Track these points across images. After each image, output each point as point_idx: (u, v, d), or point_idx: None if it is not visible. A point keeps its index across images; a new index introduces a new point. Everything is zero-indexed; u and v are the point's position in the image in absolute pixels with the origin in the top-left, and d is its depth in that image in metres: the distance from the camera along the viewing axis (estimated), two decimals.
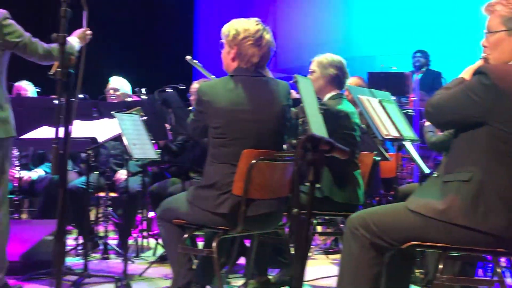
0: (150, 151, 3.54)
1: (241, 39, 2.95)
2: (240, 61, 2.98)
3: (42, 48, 3.26)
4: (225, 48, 3.03)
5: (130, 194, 4.33)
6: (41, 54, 3.26)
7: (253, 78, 2.98)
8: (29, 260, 3.96)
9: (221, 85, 2.97)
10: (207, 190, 2.93)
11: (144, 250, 4.86)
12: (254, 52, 2.94)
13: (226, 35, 3.00)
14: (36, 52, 3.25)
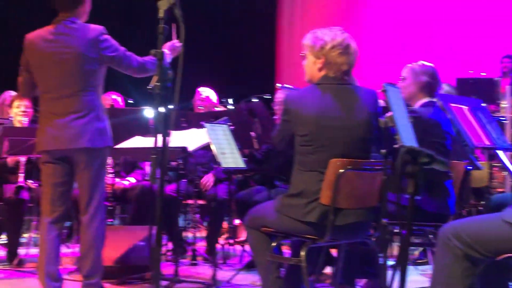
0: (239, 160, 3.62)
1: (329, 49, 2.96)
2: (328, 70, 2.99)
3: (137, 62, 3.41)
4: (309, 59, 3.05)
5: (217, 202, 4.43)
6: (135, 67, 3.41)
7: (340, 86, 2.99)
8: (122, 265, 4.12)
9: (307, 93, 3.00)
10: (295, 199, 2.95)
11: (230, 257, 4.95)
12: (343, 60, 2.96)
13: (311, 46, 3.02)
14: (131, 66, 3.40)
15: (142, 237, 4.22)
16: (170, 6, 2.18)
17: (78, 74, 3.31)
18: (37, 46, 3.35)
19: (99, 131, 3.33)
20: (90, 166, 3.34)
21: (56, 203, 3.40)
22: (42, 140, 3.38)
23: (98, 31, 3.33)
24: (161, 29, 2.06)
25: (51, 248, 3.37)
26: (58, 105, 3.33)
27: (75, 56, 3.29)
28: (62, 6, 3.37)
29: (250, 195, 4.52)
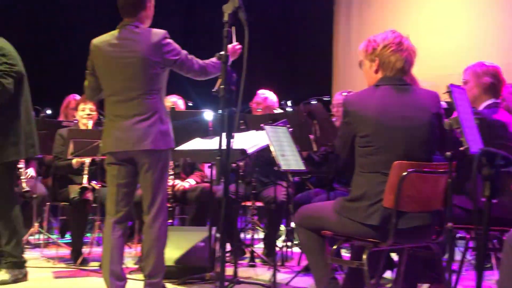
0: (298, 163, 3.61)
1: (381, 49, 2.97)
2: (384, 70, 2.98)
3: (198, 65, 3.47)
4: (366, 65, 3.06)
5: (276, 204, 4.44)
6: (197, 70, 3.46)
7: (399, 87, 2.97)
8: (183, 265, 4.19)
9: (366, 94, 2.99)
10: (356, 201, 2.93)
11: (288, 259, 4.95)
12: (397, 57, 2.96)
13: (365, 51, 3.04)
14: (193, 69, 3.46)
15: (202, 238, 4.27)
16: (235, 10, 2.21)
17: (142, 78, 3.38)
18: (102, 51, 3.45)
19: (162, 133, 3.40)
20: (153, 167, 3.41)
21: (120, 203, 3.48)
22: (107, 142, 3.48)
23: (161, 35, 3.40)
24: (225, 32, 2.08)
25: (115, 247, 3.45)
26: (122, 108, 3.41)
27: (139, 60, 3.37)
28: (126, 12, 3.46)
29: (309, 197, 4.51)
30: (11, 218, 3.99)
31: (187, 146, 4.13)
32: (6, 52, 3.97)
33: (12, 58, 3.98)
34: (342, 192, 4.22)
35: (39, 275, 4.31)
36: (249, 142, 3.95)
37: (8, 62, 3.93)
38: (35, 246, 5.50)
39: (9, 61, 3.94)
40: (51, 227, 6.13)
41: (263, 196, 4.84)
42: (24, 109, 4.06)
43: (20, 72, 4.02)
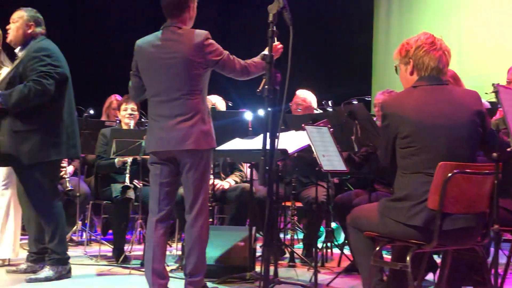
0: (339, 163, 3.60)
1: (414, 51, 2.98)
2: (419, 71, 2.98)
3: (239, 65, 3.48)
4: (401, 68, 3.07)
5: (316, 204, 4.42)
6: (238, 70, 3.48)
7: (436, 86, 2.95)
8: (223, 265, 4.21)
9: (404, 95, 3.00)
10: (400, 202, 2.91)
11: (328, 260, 4.93)
12: (430, 57, 2.95)
13: (399, 54, 3.06)
14: (234, 69, 3.48)
15: (242, 237, 4.28)
16: (280, 10, 2.21)
17: (184, 78, 3.41)
18: (146, 52, 3.49)
19: (204, 133, 3.43)
20: (195, 167, 3.44)
21: (162, 202, 3.52)
22: (150, 141, 3.52)
23: (203, 36, 3.43)
24: (270, 32, 2.08)
25: (157, 246, 3.49)
26: (165, 108, 3.45)
27: (182, 60, 3.40)
28: (169, 13, 3.50)
29: (349, 198, 4.48)
30: (54, 215, 4.08)
31: (227, 146, 4.15)
32: (51, 53, 4.06)
33: (56, 60, 4.06)
34: (384, 194, 4.18)
35: (82, 272, 4.39)
36: (290, 142, 3.94)
37: (52, 63, 4.02)
38: (78, 244, 5.60)
39: (53, 62, 4.02)
40: (93, 225, 6.24)
41: (303, 197, 4.83)
42: (67, 111, 4.14)
43: (64, 74, 4.09)
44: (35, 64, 3.97)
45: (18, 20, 4.15)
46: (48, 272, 4.03)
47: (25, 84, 3.93)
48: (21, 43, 4.16)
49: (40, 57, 4.00)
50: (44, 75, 3.95)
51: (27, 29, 4.15)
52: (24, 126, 3.98)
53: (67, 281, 4.09)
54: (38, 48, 4.06)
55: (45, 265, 4.10)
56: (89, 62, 7.69)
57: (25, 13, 4.17)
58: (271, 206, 2.14)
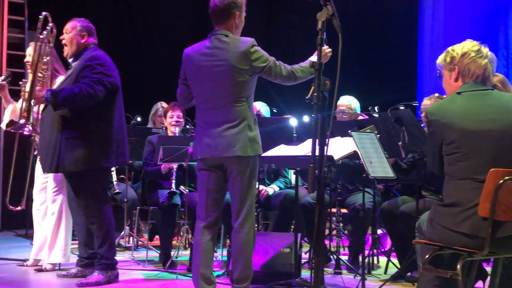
0: (387, 169, 3.57)
1: (460, 57, 2.97)
2: (464, 77, 2.97)
3: (286, 70, 3.50)
4: (445, 75, 3.06)
5: (362, 211, 4.39)
6: (284, 76, 3.49)
7: (481, 92, 2.93)
8: (268, 271, 4.21)
9: (447, 101, 3.00)
10: (448, 208, 2.87)
11: (374, 267, 4.88)
12: (476, 64, 2.94)
13: (443, 61, 3.04)
14: (281, 75, 3.49)
15: (287, 244, 4.28)
16: (329, 17, 2.22)
17: (231, 86, 3.45)
18: (194, 60, 3.54)
19: (250, 140, 3.45)
20: (242, 174, 3.47)
21: (210, 208, 3.56)
22: (198, 148, 3.56)
23: (249, 43, 3.46)
24: (319, 39, 2.09)
25: (205, 251, 3.52)
26: (212, 115, 3.49)
27: (228, 68, 3.43)
28: (215, 20, 3.55)
29: (396, 205, 4.44)
30: (104, 221, 4.15)
31: (272, 152, 4.16)
32: (104, 63, 4.15)
33: (109, 69, 4.15)
34: (432, 200, 4.12)
35: (130, 277, 4.46)
36: (335, 148, 3.93)
37: (105, 72, 4.11)
38: (125, 249, 5.69)
39: (105, 71, 4.12)
40: (140, 231, 6.34)
41: (349, 203, 4.80)
42: (118, 119, 4.22)
43: (115, 84, 4.18)
44: (88, 71, 4.06)
45: (72, 30, 4.25)
46: (98, 277, 4.11)
47: (75, 85, 4.01)
48: (75, 53, 4.25)
49: (93, 65, 4.09)
50: (96, 81, 4.04)
51: (80, 39, 4.25)
52: (76, 133, 4.07)
53: (115, 286, 4.16)
54: (92, 57, 4.15)
55: (95, 270, 4.18)
56: (136, 70, 7.83)
57: (78, 24, 4.27)
58: (320, 213, 2.13)
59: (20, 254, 5.14)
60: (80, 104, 4.02)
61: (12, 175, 5.12)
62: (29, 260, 4.75)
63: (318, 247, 2.07)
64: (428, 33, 8.58)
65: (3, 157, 7.21)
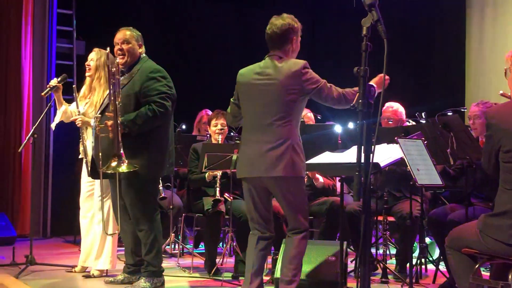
0: (435, 176, 3.49)
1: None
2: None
3: (337, 93, 3.49)
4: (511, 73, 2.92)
5: (410, 219, 4.31)
6: (335, 98, 3.50)
7: None
8: (314, 279, 4.17)
9: (508, 106, 2.85)
10: (499, 219, 2.79)
11: (422, 276, 4.78)
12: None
13: (510, 58, 2.91)
14: (332, 97, 3.50)
15: (333, 252, 4.23)
16: (374, 23, 2.18)
17: (278, 104, 3.48)
18: (246, 79, 3.61)
19: (293, 161, 3.45)
20: (286, 193, 3.50)
21: (260, 220, 3.60)
22: (241, 167, 3.61)
23: (301, 64, 3.49)
24: (364, 46, 2.06)
25: (257, 259, 3.57)
26: (257, 134, 3.53)
27: (277, 87, 3.47)
28: (272, 45, 3.59)
29: (444, 213, 4.33)
30: (152, 229, 4.19)
31: (316, 159, 4.12)
32: (165, 75, 4.20)
33: (170, 81, 4.21)
34: (481, 209, 4.01)
35: (176, 284, 4.49)
36: (381, 155, 3.86)
37: (168, 85, 4.17)
38: (171, 256, 5.73)
39: (168, 84, 4.18)
40: (185, 238, 6.38)
41: (395, 211, 4.72)
42: (171, 130, 4.29)
43: (175, 95, 4.23)
44: (154, 84, 4.11)
45: (131, 40, 4.25)
46: (144, 284, 4.14)
47: (148, 108, 4.05)
48: (132, 62, 4.27)
49: (157, 78, 4.14)
50: (164, 96, 4.09)
51: (138, 48, 4.29)
52: (137, 143, 4.11)
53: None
54: (154, 69, 4.19)
55: (141, 276, 4.22)
56: (180, 78, 7.90)
57: (133, 32, 4.29)
58: (366, 221, 2.10)
59: (69, 260, 5.24)
60: (156, 124, 4.10)
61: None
62: (77, 267, 4.83)
63: (365, 256, 2.03)
64: (476, 39, 8.38)
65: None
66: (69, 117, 4.83)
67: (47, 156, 7.28)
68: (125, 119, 4.02)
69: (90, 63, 4.72)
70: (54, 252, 6.00)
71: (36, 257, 4.87)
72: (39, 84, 7.28)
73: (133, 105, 4.11)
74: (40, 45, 7.38)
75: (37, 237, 6.83)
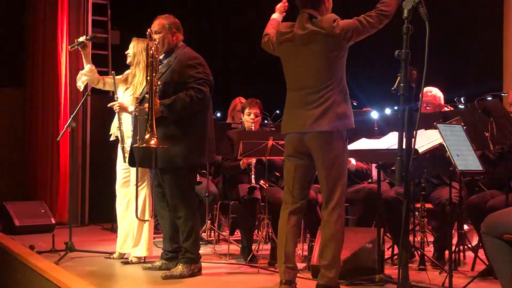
0: (475, 162, 3.43)
1: None
2: None
3: (372, 18, 3.48)
4: None
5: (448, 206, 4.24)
6: (375, 23, 3.48)
7: None
8: (351, 266, 4.14)
9: None
10: None
11: (461, 263, 4.71)
12: None
13: None
14: (371, 25, 3.49)
15: (370, 239, 4.20)
16: (415, 6, 2.15)
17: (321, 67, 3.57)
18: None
19: (338, 115, 3.54)
20: (328, 152, 3.51)
21: (296, 195, 3.61)
22: (285, 124, 3.69)
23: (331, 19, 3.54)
24: (405, 28, 2.02)
25: (289, 234, 3.60)
26: (300, 96, 3.62)
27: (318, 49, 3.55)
28: (304, 5, 3.63)
29: (484, 199, 4.26)
30: (190, 216, 4.23)
31: (353, 146, 4.10)
32: (203, 62, 4.22)
33: (207, 68, 4.22)
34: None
35: (212, 271, 4.52)
36: (420, 141, 3.81)
37: (205, 71, 4.18)
38: (207, 242, 5.77)
39: (206, 70, 4.19)
40: (221, 225, 6.41)
41: (433, 198, 4.65)
42: (210, 117, 4.29)
43: (213, 82, 4.24)
44: (191, 71, 4.13)
45: (161, 30, 4.27)
46: (182, 270, 4.18)
47: (186, 93, 4.08)
48: (166, 51, 4.30)
49: (194, 64, 4.16)
50: (202, 82, 4.12)
51: (171, 37, 4.29)
52: (177, 130, 4.14)
53: (199, 279, 4.23)
54: (191, 56, 4.22)
55: (179, 263, 4.26)
56: (215, 66, 7.91)
57: (165, 21, 4.30)
58: (407, 208, 2.07)
59: (107, 247, 5.32)
60: (194, 110, 4.12)
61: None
62: (115, 253, 4.90)
63: (405, 242, 2.01)
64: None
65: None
66: (95, 79, 4.85)
67: (84, 145, 7.39)
68: (162, 103, 4.05)
69: (130, 52, 4.76)
70: (92, 239, 6.09)
71: (75, 244, 4.96)
72: (75, 75, 7.35)
73: (172, 92, 4.13)
74: (76, 36, 7.45)
75: (75, 224, 6.93)
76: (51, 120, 7.31)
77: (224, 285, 4.17)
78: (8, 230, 6.24)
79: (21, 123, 7.64)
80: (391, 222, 4.69)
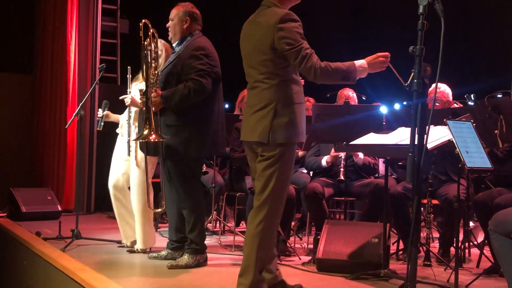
0: (484, 160, 3.42)
1: None
2: None
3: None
4: None
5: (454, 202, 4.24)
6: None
7: None
8: (356, 260, 4.15)
9: None
10: None
11: (466, 260, 4.72)
12: None
13: None
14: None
15: (376, 233, 4.21)
16: (431, 1, 2.14)
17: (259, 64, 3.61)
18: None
19: (272, 126, 3.29)
20: (264, 161, 3.33)
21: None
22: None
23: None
24: (420, 25, 2.02)
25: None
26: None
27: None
28: None
29: (491, 196, 4.25)
30: (196, 207, 4.24)
31: (361, 140, 4.09)
32: (209, 53, 4.20)
33: (213, 60, 4.21)
34: None
35: (218, 262, 4.53)
36: (429, 137, 3.80)
37: (210, 63, 4.16)
38: (213, 233, 5.79)
39: (211, 62, 4.17)
40: (227, 216, 6.43)
41: (440, 194, 4.65)
42: (217, 109, 4.27)
43: (219, 74, 4.23)
44: (194, 62, 4.13)
45: (174, 17, 4.30)
46: (188, 260, 4.21)
47: (185, 85, 4.08)
48: (178, 38, 4.31)
49: (198, 55, 4.15)
50: (203, 74, 4.10)
51: (183, 25, 4.28)
52: (177, 121, 4.15)
53: (204, 269, 4.25)
54: (197, 46, 4.20)
55: (184, 253, 4.28)
56: (223, 57, 7.91)
57: (181, 9, 4.30)
58: (418, 204, 2.07)
59: (113, 235, 5.34)
60: (193, 101, 4.11)
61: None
62: (123, 241, 4.94)
63: (415, 238, 2.01)
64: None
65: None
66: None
67: (91, 133, 7.41)
68: (162, 95, 4.08)
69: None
70: (98, 227, 6.12)
71: (81, 231, 4.98)
72: (84, 62, 7.38)
73: (175, 83, 4.15)
74: (85, 24, 7.47)
75: (81, 212, 6.97)
76: (59, 108, 7.34)
77: (229, 275, 4.18)
78: (15, 216, 6.29)
79: (30, 110, 7.68)
80: (398, 217, 4.69)
